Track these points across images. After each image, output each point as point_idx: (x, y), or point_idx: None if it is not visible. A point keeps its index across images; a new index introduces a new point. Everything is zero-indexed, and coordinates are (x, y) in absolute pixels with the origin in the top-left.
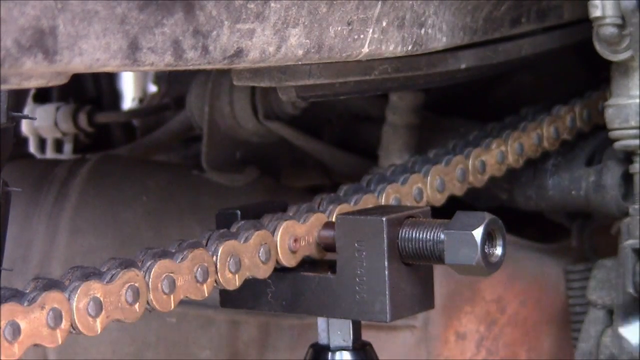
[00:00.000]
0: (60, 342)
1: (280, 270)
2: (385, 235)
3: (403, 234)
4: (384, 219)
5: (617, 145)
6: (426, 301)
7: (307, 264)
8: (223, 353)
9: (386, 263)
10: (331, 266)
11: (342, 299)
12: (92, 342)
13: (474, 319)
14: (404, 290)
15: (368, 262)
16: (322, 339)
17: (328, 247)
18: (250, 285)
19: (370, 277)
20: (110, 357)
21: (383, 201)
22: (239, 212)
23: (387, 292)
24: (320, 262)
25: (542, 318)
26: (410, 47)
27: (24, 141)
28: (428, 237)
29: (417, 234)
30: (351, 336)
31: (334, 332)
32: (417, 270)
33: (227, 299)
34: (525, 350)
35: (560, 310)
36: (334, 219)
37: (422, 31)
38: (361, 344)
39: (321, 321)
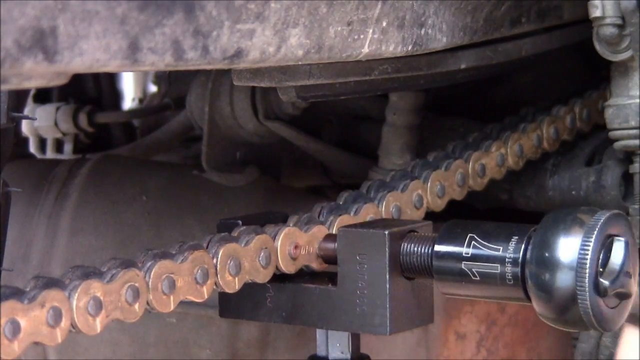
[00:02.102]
0: (60, 340)
1: (280, 280)
2: (387, 249)
3: (404, 248)
4: (386, 232)
5: (617, 145)
6: (425, 316)
7: (307, 275)
8: (223, 353)
9: (387, 276)
10: (331, 278)
11: (342, 311)
12: (92, 342)
13: (474, 319)
14: (404, 304)
15: (369, 275)
16: (321, 351)
17: (328, 259)
18: (250, 295)
19: (371, 290)
20: (110, 357)
21: (383, 209)
22: (240, 222)
23: (387, 305)
24: (320, 274)
25: None
26: (410, 47)
27: (24, 141)
28: (428, 251)
29: (418, 249)
30: (350, 349)
31: (333, 344)
32: (417, 285)
33: (226, 308)
34: (525, 350)
35: None
36: (334, 230)
37: (422, 31)
38: (359, 357)
39: (320, 333)
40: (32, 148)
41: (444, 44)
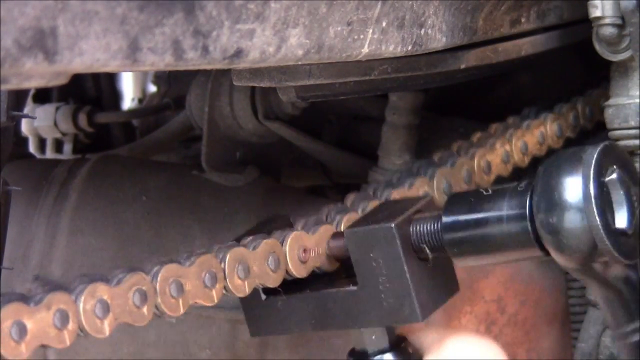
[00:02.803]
0: (68, 343)
1: (299, 289)
2: (398, 240)
3: (413, 232)
4: (393, 225)
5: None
6: (451, 287)
7: (326, 279)
8: (223, 353)
9: (405, 267)
10: (349, 277)
11: (369, 309)
12: (92, 342)
13: (474, 319)
14: (428, 286)
15: (387, 269)
16: (359, 345)
17: (339, 257)
18: (276, 310)
19: (392, 282)
20: (110, 357)
21: None
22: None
23: (412, 294)
24: (338, 275)
25: (542, 318)
26: (410, 48)
27: (23, 141)
28: (437, 228)
29: (427, 228)
30: (387, 337)
31: (369, 337)
32: (435, 262)
33: (255, 326)
34: (525, 350)
35: (560, 310)
36: (341, 228)
37: (422, 31)
38: (398, 342)
39: (354, 330)
40: (32, 148)
41: (444, 44)
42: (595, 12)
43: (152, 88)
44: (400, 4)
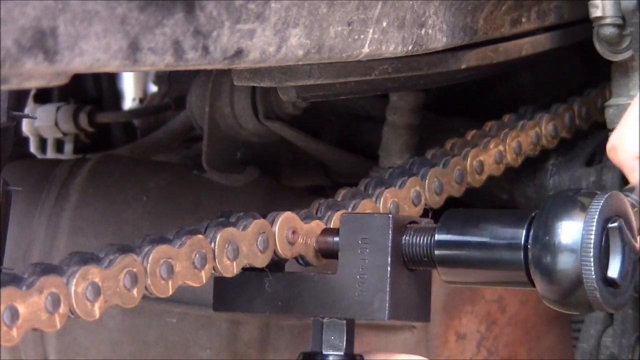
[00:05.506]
0: (58, 326)
1: (276, 270)
2: (390, 232)
3: (406, 239)
4: (390, 215)
5: None
6: (423, 312)
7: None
8: (223, 353)
9: (389, 260)
10: (330, 269)
11: (341, 298)
12: (92, 342)
13: (475, 319)
14: (404, 292)
15: (370, 259)
16: (314, 347)
17: (326, 252)
18: (245, 286)
19: (371, 274)
20: (110, 356)
21: (381, 205)
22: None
23: (387, 290)
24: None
25: (543, 318)
26: (410, 48)
27: (24, 141)
28: (429, 240)
29: (419, 238)
30: (344, 343)
31: (327, 338)
32: (417, 277)
33: (220, 302)
34: (526, 350)
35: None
36: (332, 225)
37: (423, 31)
38: (354, 355)
39: (315, 328)
40: (33, 148)
41: (444, 44)
42: (596, 12)
43: (153, 88)
44: (401, 4)
